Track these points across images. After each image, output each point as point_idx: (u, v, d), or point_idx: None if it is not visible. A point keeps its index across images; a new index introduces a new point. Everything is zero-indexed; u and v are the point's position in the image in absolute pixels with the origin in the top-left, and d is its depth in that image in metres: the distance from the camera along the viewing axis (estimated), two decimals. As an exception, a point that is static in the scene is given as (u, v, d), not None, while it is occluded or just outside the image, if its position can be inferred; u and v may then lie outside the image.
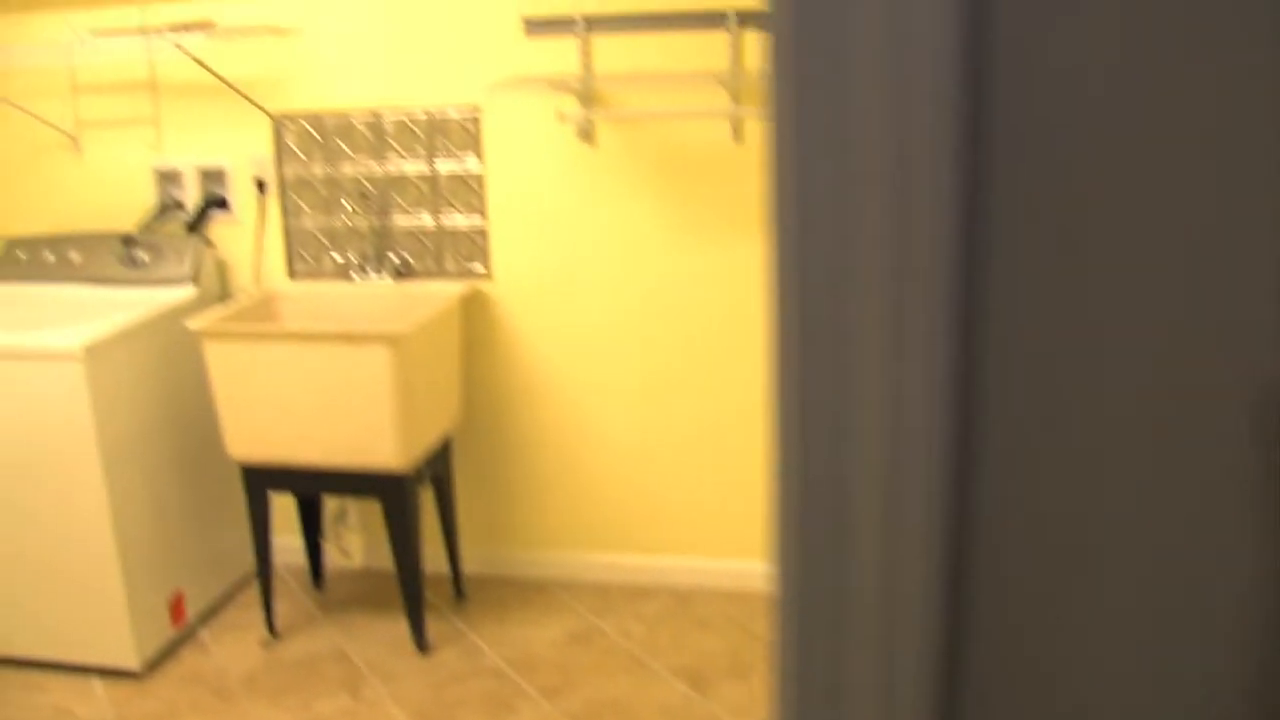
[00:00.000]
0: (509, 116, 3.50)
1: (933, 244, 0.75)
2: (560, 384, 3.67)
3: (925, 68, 0.72)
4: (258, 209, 3.81)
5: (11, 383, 3.33)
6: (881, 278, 0.76)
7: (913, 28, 0.72)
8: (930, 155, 0.73)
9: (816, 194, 0.77)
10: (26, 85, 3.87)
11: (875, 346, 0.77)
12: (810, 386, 0.80)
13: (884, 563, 0.81)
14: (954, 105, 0.73)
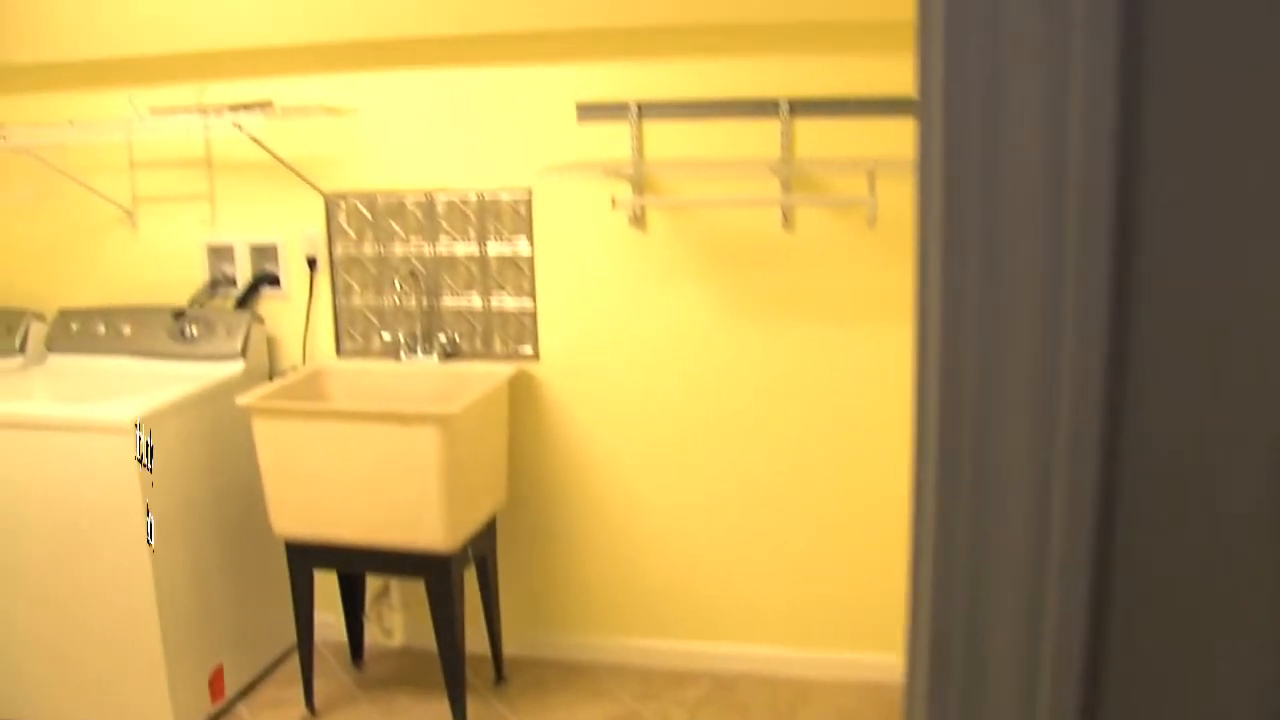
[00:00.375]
0: (560, 200, 3.54)
1: (1082, 386, 0.76)
2: (605, 467, 3.68)
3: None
4: (308, 286, 3.85)
5: (63, 453, 3.36)
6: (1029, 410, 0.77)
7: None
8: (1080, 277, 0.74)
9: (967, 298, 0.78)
10: (86, 160, 3.94)
11: (1019, 475, 0.78)
12: (952, 507, 0.81)
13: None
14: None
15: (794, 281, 3.42)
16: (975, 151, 0.79)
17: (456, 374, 3.66)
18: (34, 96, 4.00)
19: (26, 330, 4.04)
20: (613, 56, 3.43)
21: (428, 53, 3.58)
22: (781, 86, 3.33)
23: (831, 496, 3.52)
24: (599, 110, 3.47)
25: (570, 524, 3.75)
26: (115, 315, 3.93)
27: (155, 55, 3.76)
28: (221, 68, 3.76)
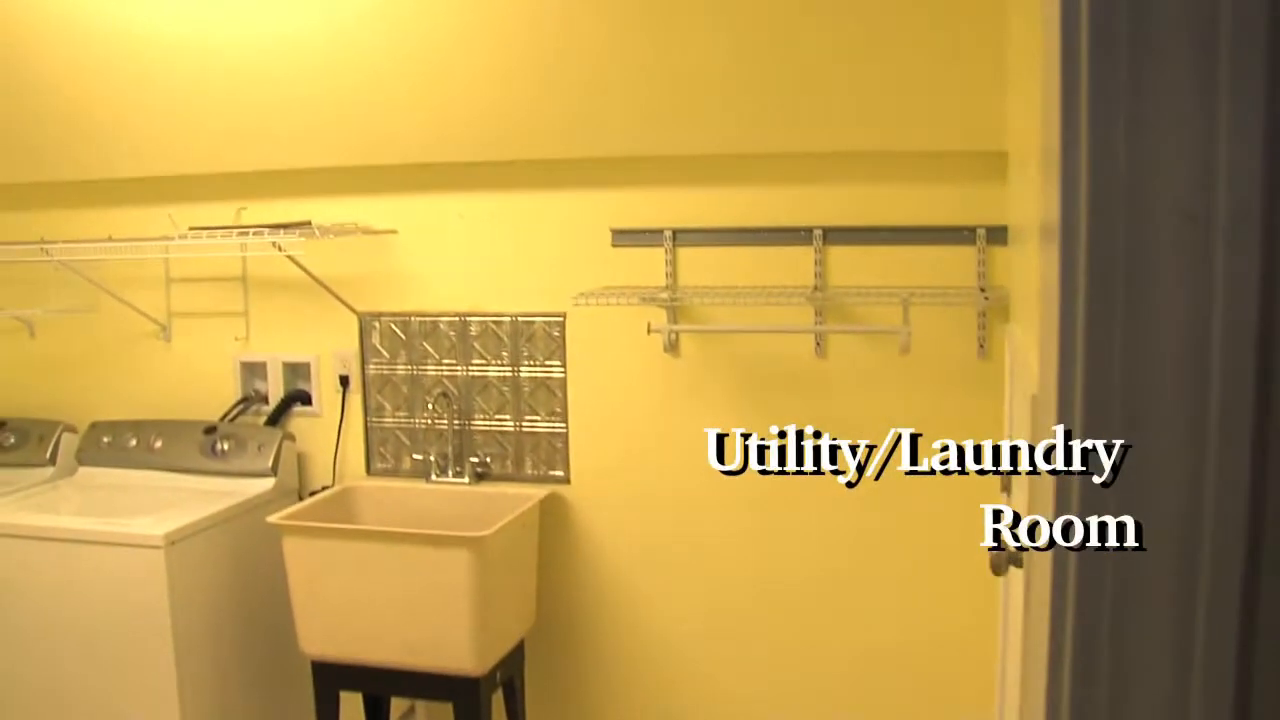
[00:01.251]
0: (593, 324, 3.59)
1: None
2: (635, 592, 3.68)
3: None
4: (340, 404, 3.90)
5: (92, 567, 3.40)
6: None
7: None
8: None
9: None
10: (124, 274, 4.01)
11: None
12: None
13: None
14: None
15: (827, 408, 3.45)
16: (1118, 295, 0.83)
17: (487, 496, 3.68)
18: (75, 212, 4.10)
19: (58, 441, 4.09)
20: (648, 183, 3.50)
21: (464, 177, 3.66)
22: (815, 214, 3.39)
23: (871, 626, 3.51)
24: (634, 235, 3.53)
25: (600, 648, 3.74)
26: (147, 429, 3.97)
27: (196, 175, 3.85)
28: (261, 187, 3.84)
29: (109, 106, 3.78)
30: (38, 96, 3.82)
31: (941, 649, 3.43)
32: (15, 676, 3.54)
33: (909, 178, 3.30)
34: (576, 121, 3.42)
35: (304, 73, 3.55)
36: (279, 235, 3.52)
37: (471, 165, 3.63)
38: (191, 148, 3.78)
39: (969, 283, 3.27)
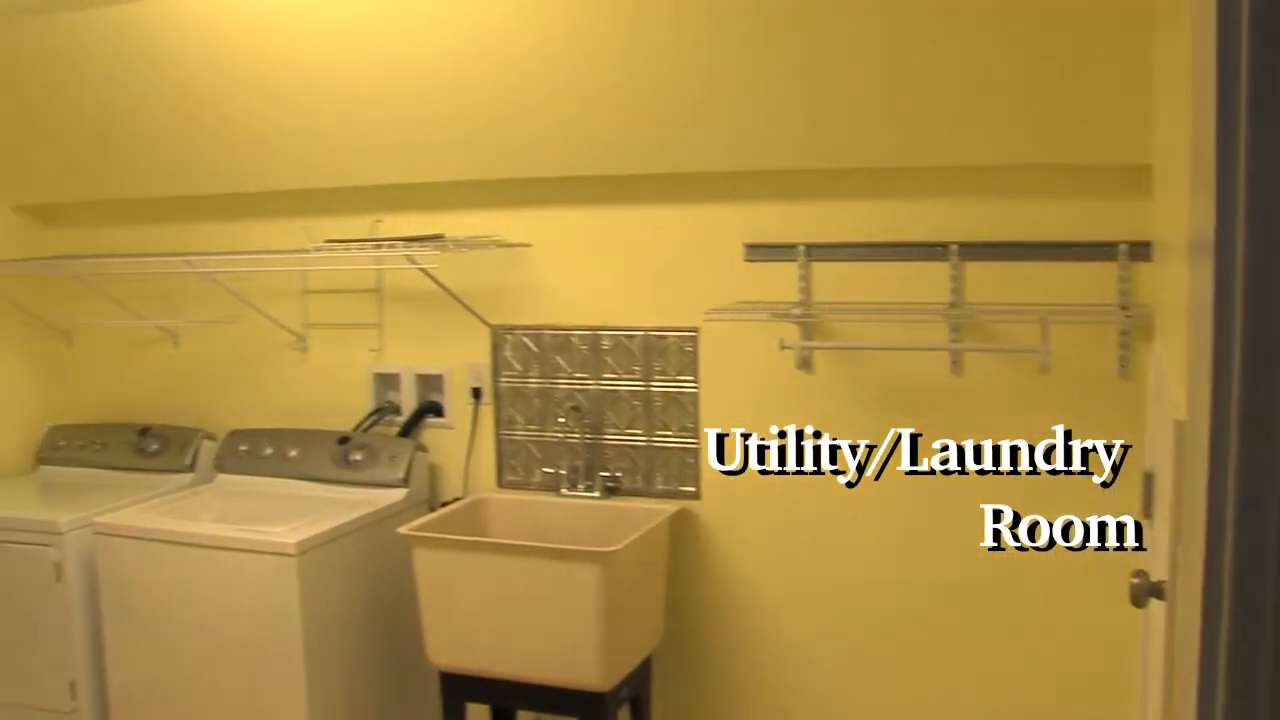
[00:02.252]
0: (726, 339, 3.58)
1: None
2: (765, 608, 3.66)
3: None
4: (472, 417, 3.94)
5: (227, 573, 3.48)
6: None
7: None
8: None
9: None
10: (262, 286, 4.10)
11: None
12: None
13: None
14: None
15: (962, 427, 3.39)
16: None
17: (617, 510, 3.69)
18: (217, 225, 4.20)
19: (198, 449, 4.20)
20: (782, 197, 3.49)
21: (598, 191, 3.68)
22: (952, 229, 3.35)
23: (1006, 646, 3.44)
24: (767, 250, 3.52)
25: (728, 665, 3.72)
26: (283, 438, 4.05)
27: (334, 188, 3.93)
28: (397, 200, 3.90)
29: (249, 123, 3.87)
30: (182, 114, 3.93)
31: (1076, 676, 3.35)
32: (153, 676, 3.64)
33: (1049, 192, 3.24)
34: (710, 135, 3.42)
35: (440, 89, 3.60)
36: (412, 248, 3.58)
37: (605, 179, 3.64)
38: (329, 162, 3.85)
39: (1110, 300, 3.19)
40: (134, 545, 3.61)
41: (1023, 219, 3.28)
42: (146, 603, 3.62)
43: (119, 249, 4.30)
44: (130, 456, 4.28)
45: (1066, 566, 3.32)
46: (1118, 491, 3.21)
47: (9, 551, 3.83)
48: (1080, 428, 3.26)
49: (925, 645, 3.52)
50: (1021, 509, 3.34)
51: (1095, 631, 3.30)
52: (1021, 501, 3.34)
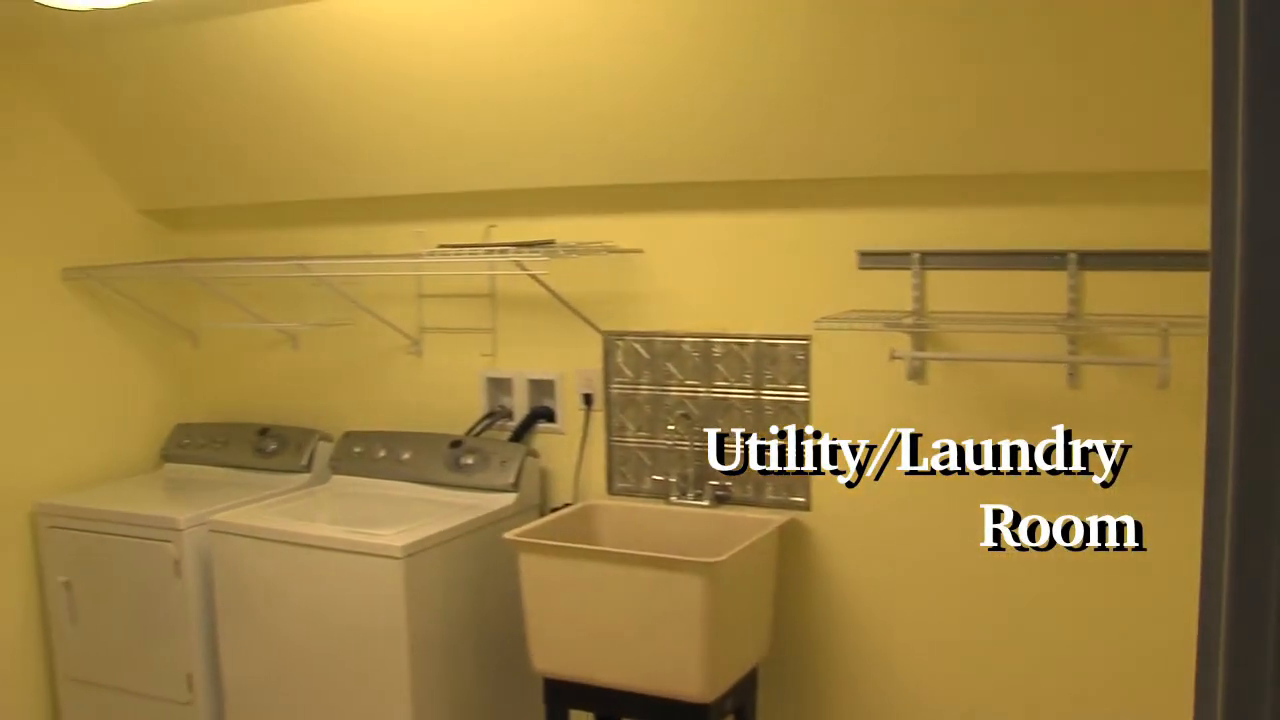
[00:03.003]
0: (838, 348, 3.53)
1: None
2: (875, 623, 3.60)
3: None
4: (583, 423, 3.94)
5: (334, 574, 3.53)
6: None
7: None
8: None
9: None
10: (377, 290, 4.16)
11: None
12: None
13: None
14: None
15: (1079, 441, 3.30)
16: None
17: (726, 520, 3.66)
18: (335, 229, 4.28)
19: (314, 450, 4.27)
20: (895, 203, 3.43)
21: (710, 197, 3.66)
22: (1070, 237, 3.26)
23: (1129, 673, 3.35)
24: (881, 258, 3.46)
25: (837, 680, 3.67)
26: (396, 440, 4.10)
27: (447, 194, 3.96)
28: (511, 206, 3.93)
29: (366, 129, 3.92)
30: (302, 121, 3.99)
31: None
32: (265, 672, 3.72)
33: (1170, 199, 3.13)
34: (822, 141, 3.37)
35: (554, 94, 3.60)
36: (522, 254, 3.59)
37: (718, 184, 3.63)
38: (444, 167, 3.88)
39: (1237, 313, 3.08)
40: (247, 544, 3.69)
41: (1144, 227, 3.18)
42: (259, 600, 3.69)
43: (241, 252, 4.40)
44: (250, 456, 4.37)
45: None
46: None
47: (133, 546, 3.94)
48: (1201, 443, 3.15)
49: (1041, 665, 3.44)
50: (1146, 529, 3.25)
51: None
52: (1148, 515, 3.25)
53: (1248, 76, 0.80)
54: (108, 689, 4.10)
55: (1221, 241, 0.80)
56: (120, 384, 4.57)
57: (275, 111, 3.99)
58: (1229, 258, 0.77)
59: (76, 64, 4.13)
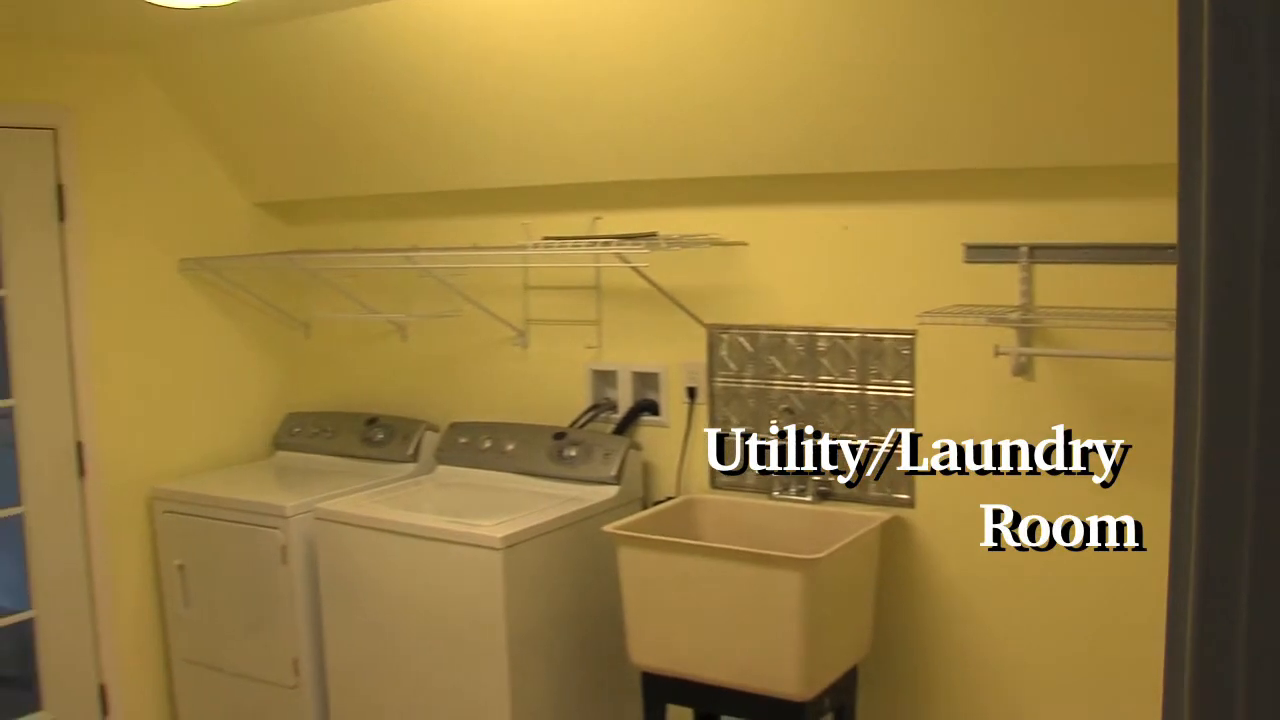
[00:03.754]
0: (944, 343, 3.48)
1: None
2: (980, 624, 3.53)
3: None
4: (686, 416, 3.94)
5: (436, 563, 3.57)
6: None
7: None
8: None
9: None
10: (483, 281, 4.19)
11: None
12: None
13: None
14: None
15: (1193, 443, 3.21)
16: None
17: (829, 516, 3.63)
18: (442, 221, 4.32)
19: (420, 440, 4.33)
20: (1003, 196, 3.36)
21: (815, 189, 3.62)
22: (1188, 233, 3.17)
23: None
24: (988, 251, 3.40)
25: (938, 680, 3.62)
26: (500, 431, 4.14)
27: (548, 186, 3.98)
28: (617, 198, 3.93)
29: (473, 122, 3.95)
30: (409, 114, 4.03)
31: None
32: (368, 659, 3.77)
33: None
34: (927, 132, 3.32)
35: (660, 87, 3.59)
36: (624, 246, 3.59)
37: (823, 176, 3.59)
38: (550, 159, 3.90)
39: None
40: (351, 532, 3.74)
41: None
42: (362, 588, 3.75)
43: (352, 244, 4.46)
44: (358, 445, 4.44)
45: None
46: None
47: (242, 532, 4.03)
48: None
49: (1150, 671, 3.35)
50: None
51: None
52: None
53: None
54: (218, 671, 4.20)
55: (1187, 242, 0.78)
56: (234, 373, 4.68)
57: (386, 106, 4.04)
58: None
59: (193, 62, 4.23)
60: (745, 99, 3.49)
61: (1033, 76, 3.11)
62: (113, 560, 4.29)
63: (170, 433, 4.46)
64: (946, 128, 3.29)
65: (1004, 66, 3.13)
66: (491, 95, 3.84)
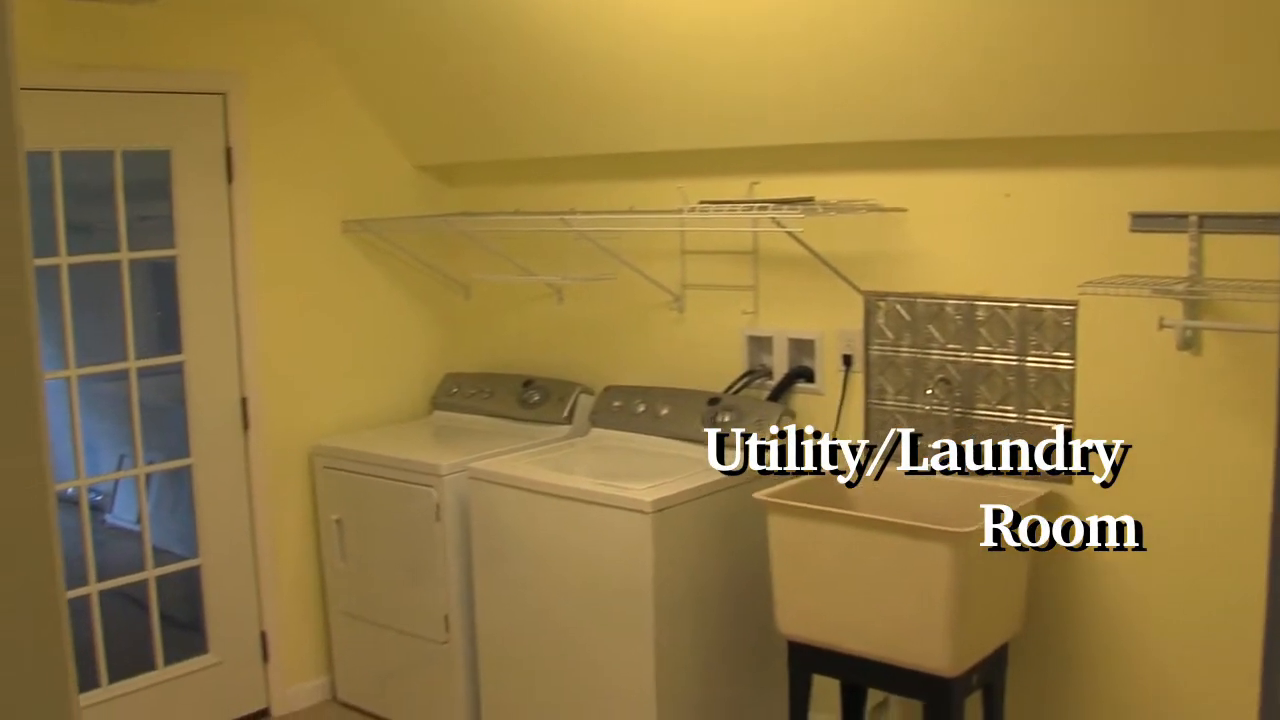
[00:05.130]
0: (1107, 315, 3.39)
1: None
2: (1137, 604, 3.45)
3: None
4: (841, 384, 3.91)
5: (585, 526, 3.64)
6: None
7: None
8: None
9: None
10: (640, 245, 4.22)
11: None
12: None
13: None
14: None
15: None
16: None
17: (984, 489, 3.58)
18: (599, 184, 4.35)
19: (575, 403, 4.39)
20: (1171, 162, 3.26)
21: (977, 155, 3.56)
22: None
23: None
24: (1156, 220, 3.30)
25: (1092, 660, 3.55)
26: (655, 396, 4.17)
27: (706, 149, 3.98)
28: (775, 162, 3.92)
29: (630, 85, 3.96)
30: (567, 78, 4.06)
31: None
32: (516, 617, 3.87)
33: None
34: (1089, 96, 3.23)
35: (817, 50, 3.57)
36: (781, 211, 3.57)
37: (984, 142, 3.53)
38: (707, 124, 3.90)
39: None
40: (503, 492, 3.81)
41: None
42: (512, 547, 3.82)
43: (510, 207, 4.52)
44: (514, 406, 4.51)
45: None
46: None
47: (398, 489, 4.14)
48: None
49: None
50: None
51: None
52: None
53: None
54: (373, 624, 4.33)
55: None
56: (395, 333, 4.79)
57: (545, 71, 4.08)
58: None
59: (356, 25, 4.33)
60: (903, 61, 3.44)
61: (1198, 38, 3.01)
62: (274, 513, 4.45)
63: (331, 390, 4.59)
64: (1109, 91, 3.20)
65: (1163, 26, 3.03)
66: (654, 60, 3.84)
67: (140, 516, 4.34)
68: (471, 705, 4.10)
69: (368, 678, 4.46)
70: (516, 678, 3.89)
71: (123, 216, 4.04)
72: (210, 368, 4.28)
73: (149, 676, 4.25)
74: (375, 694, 4.45)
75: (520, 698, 3.89)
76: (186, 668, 4.33)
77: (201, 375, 4.26)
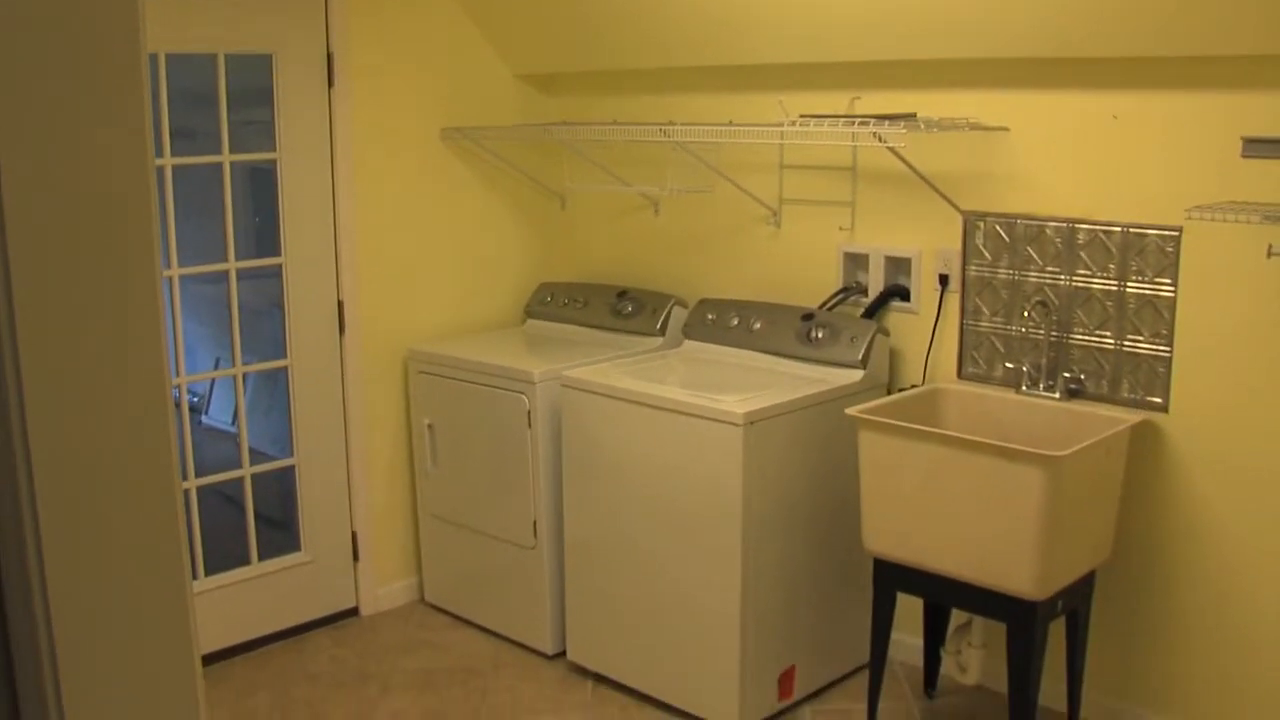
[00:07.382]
0: (1211, 241, 3.37)
1: None
2: (1227, 538, 3.46)
3: None
4: (937, 304, 3.93)
5: (676, 436, 3.69)
6: None
7: None
8: None
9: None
10: (737, 159, 4.24)
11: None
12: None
13: None
14: None
15: None
16: None
17: (1076, 414, 3.60)
18: (699, 96, 4.37)
19: (668, 315, 4.43)
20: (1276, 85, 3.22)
21: (1081, 74, 3.54)
22: None
23: None
24: (1270, 146, 3.26)
25: (1179, 592, 3.56)
26: (749, 310, 4.20)
27: (806, 63, 3.97)
28: (877, 78, 3.92)
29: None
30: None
31: None
32: (603, 525, 3.96)
33: None
34: (1200, 12, 3.18)
35: (925, -41, 3.55)
36: (882, 126, 3.57)
37: (1089, 61, 3.50)
38: (807, 37, 3.89)
39: None
40: (594, 400, 3.88)
41: None
42: (602, 456, 3.89)
43: (609, 117, 4.56)
44: (607, 317, 4.57)
45: None
46: None
47: (490, 395, 4.22)
48: None
49: None
50: None
51: None
52: None
53: None
54: (461, 527, 4.44)
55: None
56: (491, 241, 4.86)
57: (647, -25, 4.09)
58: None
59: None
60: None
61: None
62: (367, 416, 4.56)
63: (426, 296, 4.67)
64: (1220, 8, 3.15)
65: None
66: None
67: (237, 416, 4.47)
68: (556, 611, 4.21)
69: (455, 580, 4.59)
70: (602, 583, 3.99)
71: (225, 120, 4.13)
72: (308, 271, 4.37)
73: (243, 570, 4.39)
74: (462, 597, 4.57)
75: (604, 603, 3.99)
76: (279, 564, 4.47)
77: (299, 278, 4.36)
